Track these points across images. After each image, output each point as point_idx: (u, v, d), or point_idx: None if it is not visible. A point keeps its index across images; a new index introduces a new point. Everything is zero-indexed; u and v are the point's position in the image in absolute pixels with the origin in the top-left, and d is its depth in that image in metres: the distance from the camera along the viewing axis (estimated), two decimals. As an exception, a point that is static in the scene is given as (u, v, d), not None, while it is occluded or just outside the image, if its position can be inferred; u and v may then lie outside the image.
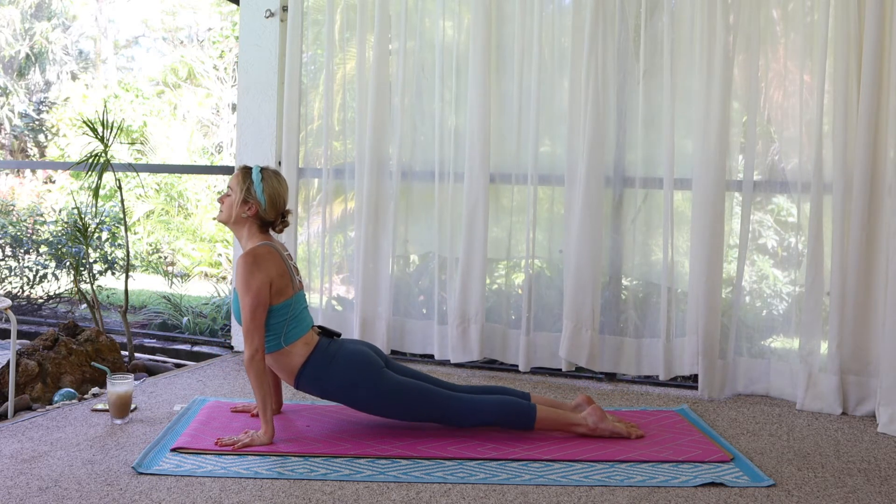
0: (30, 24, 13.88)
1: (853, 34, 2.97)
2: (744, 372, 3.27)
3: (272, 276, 2.47)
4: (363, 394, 2.52)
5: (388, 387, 2.52)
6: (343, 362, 2.53)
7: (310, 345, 2.55)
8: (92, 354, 3.41)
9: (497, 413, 2.55)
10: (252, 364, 2.43)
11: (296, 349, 2.53)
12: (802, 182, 3.14)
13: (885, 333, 2.87)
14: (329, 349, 2.56)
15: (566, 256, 3.44)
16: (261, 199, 2.53)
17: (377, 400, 2.53)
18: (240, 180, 2.55)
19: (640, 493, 2.13)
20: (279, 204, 2.57)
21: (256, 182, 2.53)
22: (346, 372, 2.52)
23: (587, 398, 2.68)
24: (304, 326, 2.57)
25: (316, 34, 3.96)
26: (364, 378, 2.52)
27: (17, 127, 13.01)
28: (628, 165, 3.47)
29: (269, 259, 2.48)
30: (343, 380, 2.52)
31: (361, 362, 2.54)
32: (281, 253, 2.54)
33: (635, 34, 3.41)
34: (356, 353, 2.58)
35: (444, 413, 2.55)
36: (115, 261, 5.32)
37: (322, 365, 2.52)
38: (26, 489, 2.05)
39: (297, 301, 2.55)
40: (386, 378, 2.54)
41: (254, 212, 2.54)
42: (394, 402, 2.53)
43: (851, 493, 2.17)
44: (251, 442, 2.39)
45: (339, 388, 2.53)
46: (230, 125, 11.18)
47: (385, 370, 2.57)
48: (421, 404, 2.54)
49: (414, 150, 3.75)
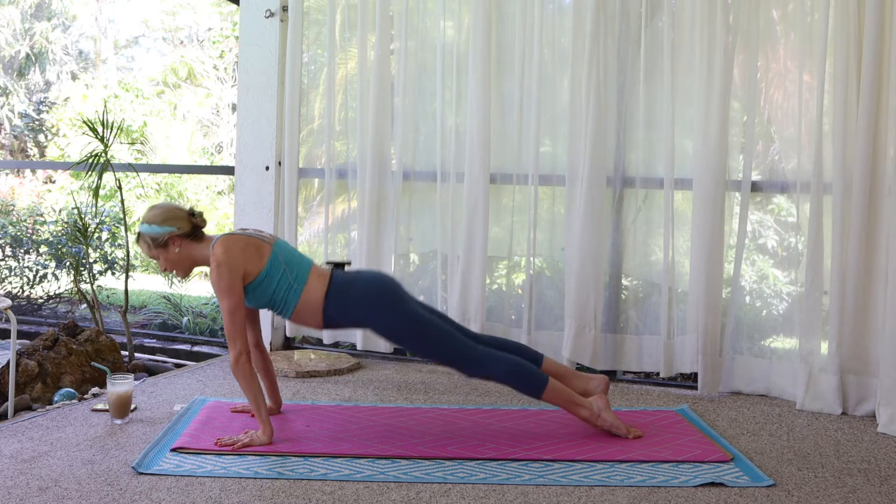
0: (30, 24, 13.88)
1: (853, 34, 2.97)
2: (744, 371, 3.28)
3: (239, 260, 2.45)
4: (385, 314, 2.51)
5: (409, 313, 2.53)
6: (363, 281, 2.56)
7: (324, 276, 2.56)
8: (92, 354, 3.41)
9: (509, 373, 2.54)
10: (238, 367, 2.42)
11: (312, 285, 2.53)
12: (802, 182, 3.14)
13: (885, 333, 2.87)
14: (346, 275, 2.58)
15: (568, 256, 3.44)
16: (165, 230, 2.50)
17: (397, 322, 2.52)
18: (148, 244, 2.53)
19: (640, 493, 2.13)
20: (175, 215, 2.53)
21: (148, 230, 2.51)
22: (367, 290, 2.53)
23: (606, 382, 2.66)
24: (305, 262, 2.58)
25: (316, 34, 3.96)
26: (386, 296, 2.52)
27: (17, 127, 13.01)
28: (629, 165, 3.47)
29: (225, 248, 2.46)
30: (365, 298, 2.52)
31: (382, 282, 2.57)
32: (230, 234, 2.53)
33: (636, 34, 3.41)
34: (376, 273, 2.64)
35: (457, 357, 2.54)
36: (115, 261, 5.32)
37: (343, 289, 2.53)
38: (26, 489, 2.05)
39: (280, 248, 2.54)
40: (407, 301, 2.56)
41: (178, 241, 2.52)
42: (413, 330, 2.53)
43: (851, 493, 2.17)
44: (251, 442, 2.39)
45: (362, 307, 2.52)
46: (230, 125, 11.18)
47: (408, 295, 2.59)
48: (438, 341, 2.53)
49: (415, 150, 3.75)
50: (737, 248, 3.22)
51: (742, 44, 3.20)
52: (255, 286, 2.50)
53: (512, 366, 2.54)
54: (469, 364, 2.54)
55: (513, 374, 2.54)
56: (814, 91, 3.08)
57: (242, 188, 3.95)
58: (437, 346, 2.54)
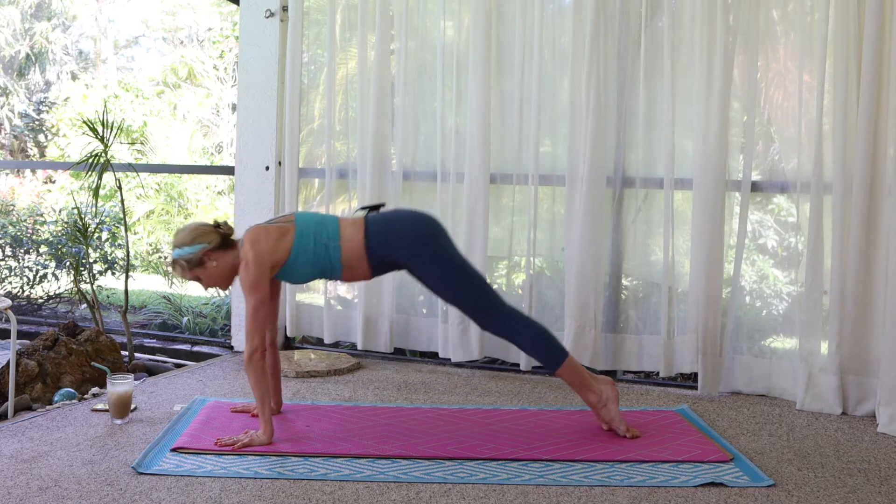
0: (30, 24, 13.88)
1: (853, 34, 2.97)
2: (744, 371, 3.28)
3: (264, 251, 2.47)
4: (425, 250, 2.53)
5: (449, 250, 2.56)
6: (403, 218, 2.60)
7: (357, 222, 2.57)
8: (92, 354, 3.41)
9: (534, 338, 2.55)
10: (251, 362, 2.43)
11: (347, 234, 2.53)
12: (802, 182, 3.14)
13: (885, 333, 2.87)
14: (382, 215, 2.60)
15: (568, 257, 3.44)
16: (197, 248, 2.50)
17: (437, 259, 2.53)
18: (183, 268, 2.53)
19: (640, 493, 2.13)
20: (202, 231, 2.54)
21: (181, 253, 2.51)
22: (408, 225, 2.56)
23: (613, 385, 2.66)
24: (330, 219, 2.59)
25: (316, 34, 3.96)
26: (427, 232, 2.55)
27: (17, 127, 13.01)
28: (629, 165, 3.47)
29: (251, 243, 2.48)
30: (406, 233, 2.54)
31: (423, 218, 2.60)
32: (254, 228, 2.55)
33: (636, 34, 3.41)
34: (416, 211, 2.65)
35: (487, 308, 2.54)
36: (115, 261, 5.32)
37: (381, 228, 2.54)
38: (26, 489, 2.05)
39: (301, 218, 2.56)
40: (448, 241, 2.59)
41: (212, 255, 2.52)
42: (451, 269, 2.54)
43: (851, 493, 2.17)
44: (251, 442, 2.39)
45: (403, 242, 2.53)
46: (230, 125, 11.18)
47: (448, 236, 2.61)
48: (473, 287, 2.54)
49: (415, 150, 3.75)
50: (737, 248, 3.22)
51: (742, 44, 3.20)
52: (293, 263, 2.51)
53: (538, 331, 2.56)
54: (497, 319, 2.54)
55: (536, 339, 2.55)
56: (814, 91, 3.08)
57: (242, 188, 3.95)
58: (470, 293, 2.54)
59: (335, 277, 2.59)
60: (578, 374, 2.58)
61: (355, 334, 3.81)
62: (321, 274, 2.58)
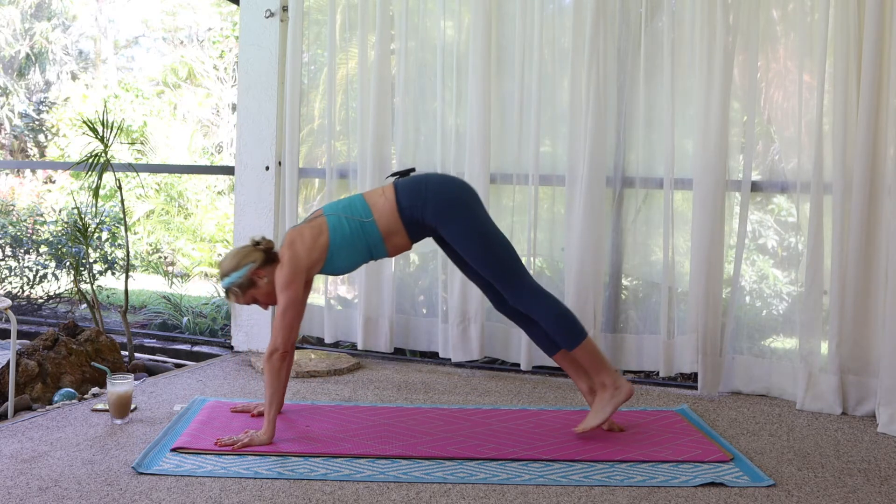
0: (30, 24, 13.88)
1: (853, 34, 2.97)
2: (744, 371, 3.28)
3: (300, 252, 2.50)
4: (459, 212, 2.53)
5: (482, 215, 2.57)
6: (435, 179, 2.61)
7: (386, 190, 2.58)
8: (92, 354, 3.41)
9: (556, 314, 2.55)
10: (270, 360, 2.45)
11: (378, 205, 2.55)
12: (802, 182, 3.14)
13: (885, 333, 2.87)
14: (412, 178, 2.60)
15: (568, 257, 3.44)
16: (245, 270, 2.54)
17: (470, 222, 2.53)
18: (237, 294, 2.57)
19: (640, 493, 2.13)
20: (244, 253, 2.57)
21: (231, 280, 2.55)
22: (441, 186, 2.56)
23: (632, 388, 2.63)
24: (356, 197, 2.61)
25: (316, 34, 3.96)
26: (460, 194, 2.56)
27: (17, 127, 13.01)
28: (628, 165, 3.47)
29: (287, 245, 2.52)
30: (439, 193, 2.54)
31: (456, 181, 2.62)
32: (289, 231, 2.57)
33: (636, 34, 3.41)
34: (447, 175, 2.67)
35: (514, 279, 2.54)
36: (115, 261, 5.31)
37: (412, 191, 2.55)
38: (26, 489, 2.05)
39: (329, 208, 2.58)
40: (481, 205, 2.60)
41: (261, 273, 2.56)
42: (482, 233, 2.53)
43: (851, 493, 2.17)
44: (250, 442, 2.39)
45: (436, 203, 2.52)
46: (230, 125, 11.18)
47: (480, 201, 2.62)
48: (502, 255, 2.54)
49: (415, 150, 3.75)
50: (737, 248, 3.22)
51: (742, 44, 3.20)
52: (335, 253, 2.54)
53: (561, 309, 2.57)
54: (522, 290, 2.54)
55: (558, 316, 2.55)
56: (814, 91, 3.08)
57: (242, 188, 3.95)
58: (497, 260, 2.54)
59: (381, 254, 2.60)
60: (595, 356, 2.57)
61: (355, 334, 3.81)
62: (367, 255, 2.60)
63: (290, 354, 2.54)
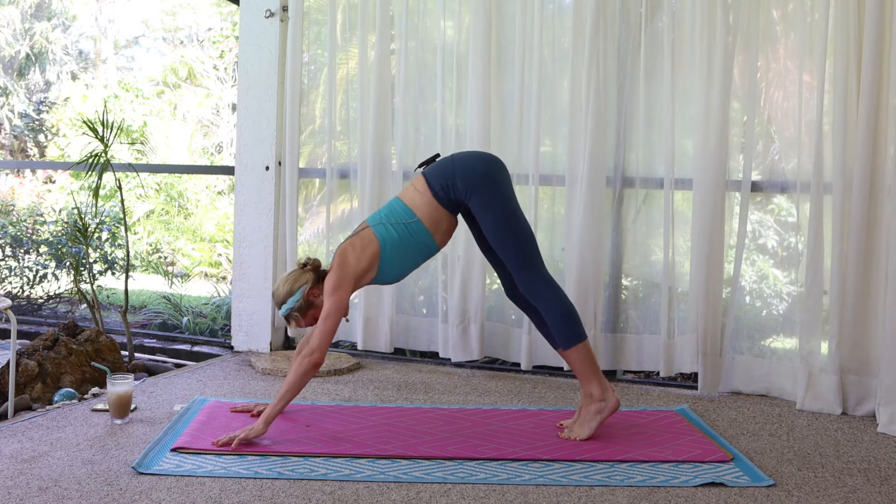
0: (30, 24, 13.88)
1: (853, 34, 2.97)
2: (744, 371, 3.28)
3: (349, 263, 2.54)
4: (487, 181, 2.54)
5: (510, 192, 2.59)
6: (463, 154, 2.64)
7: (417, 182, 2.61)
8: (92, 354, 3.41)
9: (563, 311, 2.55)
10: (299, 358, 2.46)
11: (415, 200, 2.58)
12: (802, 182, 3.14)
13: (885, 333, 2.87)
14: (438, 161, 2.63)
15: (568, 257, 3.44)
16: (299, 293, 2.59)
17: (495, 197, 2.54)
18: (297, 318, 2.61)
19: (640, 493, 2.13)
20: (295, 277, 2.61)
21: (289, 306, 2.59)
22: (469, 160, 2.59)
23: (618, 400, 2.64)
24: (393, 200, 2.63)
25: (316, 34, 3.96)
26: (489, 168, 2.57)
27: (17, 127, 13.01)
28: (628, 165, 3.47)
29: (340, 256, 2.55)
30: (469, 165, 2.56)
31: (485, 156, 2.63)
32: (338, 248, 2.59)
33: (636, 34, 3.41)
34: (474, 151, 2.70)
35: (529, 265, 2.55)
36: (115, 261, 5.31)
37: (442, 169, 2.58)
38: (26, 489, 2.05)
39: (372, 219, 2.60)
40: (509, 183, 2.62)
41: (315, 292, 2.59)
42: (507, 210, 2.55)
43: (851, 493, 2.17)
44: (247, 436, 2.38)
45: (466, 174, 2.54)
46: (230, 125, 11.18)
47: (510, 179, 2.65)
48: (523, 238, 2.56)
49: (415, 150, 3.75)
50: (737, 248, 3.22)
51: (742, 44, 3.20)
52: (388, 261, 2.56)
53: (569, 306, 2.57)
54: (535, 279, 2.56)
55: (564, 313, 2.55)
56: (814, 91, 3.08)
57: (242, 188, 3.95)
58: (518, 242, 2.55)
59: (433, 249, 2.62)
60: (588, 362, 2.56)
61: (355, 334, 3.81)
62: (426, 252, 2.62)
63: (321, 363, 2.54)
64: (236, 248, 3.97)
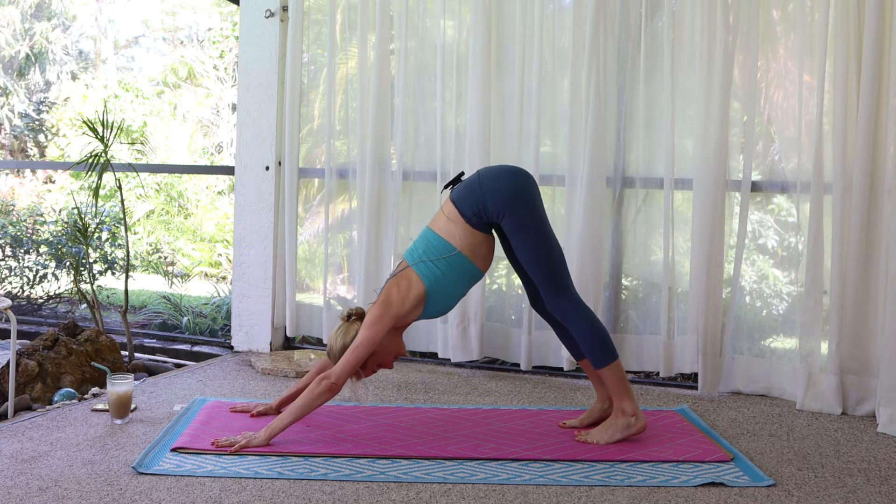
0: (30, 24, 13.88)
1: (853, 34, 2.97)
2: (744, 371, 3.28)
3: (396, 303, 2.51)
4: (517, 200, 2.50)
5: (541, 208, 2.55)
6: (488, 171, 2.59)
7: (447, 210, 2.56)
8: (92, 354, 3.41)
9: (593, 330, 2.52)
10: (320, 383, 2.41)
11: (449, 230, 2.53)
12: (802, 182, 3.14)
13: (885, 333, 2.87)
14: (464, 182, 2.59)
15: (568, 257, 3.42)
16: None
17: (527, 211, 2.51)
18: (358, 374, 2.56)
19: (640, 493, 2.13)
20: (345, 331, 2.55)
21: None
22: (496, 179, 2.53)
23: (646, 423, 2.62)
24: (425, 231, 2.59)
25: (316, 34, 3.96)
26: (519, 186, 2.53)
27: (17, 127, 13.01)
28: (629, 165, 3.47)
29: (385, 292, 2.53)
30: (497, 185, 2.51)
31: (511, 171, 2.58)
32: (386, 287, 2.56)
33: (636, 34, 3.41)
34: (499, 166, 2.65)
35: (558, 282, 2.52)
36: (115, 261, 5.31)
37: (470, 191, 2.53)
38: (26, 489, 2.05)
39: (408, 255, 2.57)
40: (540, 198, 2.57)
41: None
42: (538, 226, 2.51)
43: (851, 493, 2.17)
44: (248, 444, 2.38)
45: (497, 191, 2.50)
46: (230, 125, 11.18)
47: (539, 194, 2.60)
48: (552, 255, 2.52)
49: (415, 150, 3.75)
50: (737, 248, 3.22)
51: (742, 44, 3.20)
52: (434, 297, 2.53)
53: (598, 324, 2.55)
54: (563, 299, 2.53)
55: (594, 331, 2.52)
56: (814, 91, 3.08)
57: (242, 188, 3.95)
58: (550, 261, 2.52)
59: (480, 275, 2.60)
60: (622, 379, 2.54)
61: (355, 334, 3.80)
62: (468, 285, 2.60)
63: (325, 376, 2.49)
64: (236, 248, 3.97)
